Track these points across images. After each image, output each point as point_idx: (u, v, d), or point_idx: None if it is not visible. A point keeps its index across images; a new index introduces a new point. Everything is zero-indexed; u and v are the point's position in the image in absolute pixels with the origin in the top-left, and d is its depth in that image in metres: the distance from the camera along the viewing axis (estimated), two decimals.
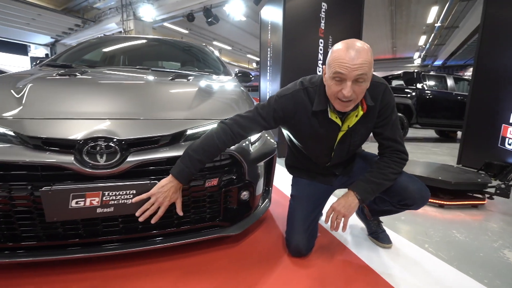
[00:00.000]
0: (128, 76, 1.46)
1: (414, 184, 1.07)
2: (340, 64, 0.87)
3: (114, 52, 2.19)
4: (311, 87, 1.04)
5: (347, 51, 0.86)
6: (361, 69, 0.86)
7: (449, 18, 9.26)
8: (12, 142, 0.90)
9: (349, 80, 0.88)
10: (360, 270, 1.11)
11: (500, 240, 1.43)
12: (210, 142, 0.98)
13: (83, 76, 1.35)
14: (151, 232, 1.05)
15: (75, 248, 0.98)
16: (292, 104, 1.04)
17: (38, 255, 0.94)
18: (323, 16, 3.87)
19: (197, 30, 11.14)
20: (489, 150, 3.12)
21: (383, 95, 1.02)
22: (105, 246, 1.01)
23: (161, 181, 0.94)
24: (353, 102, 0.94)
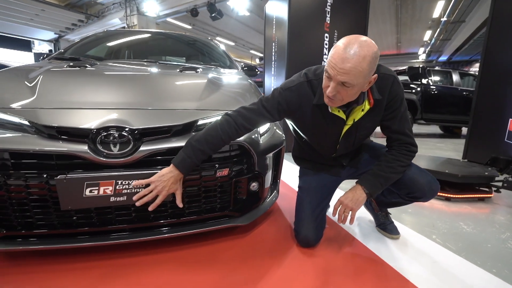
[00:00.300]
0: (137, 68, 1.47)
1: (424, 176, 1.07)
2: (331, 63, 0.85)
3: (120, 46, 2.20)
4: (315, 79, 1.02)
5: (342, 52, 0.82)
6: (345, 76, 0.82)
7: (455, 12, 9.11)
8: (26, 132, 0.91)
9: (334, 81, 0.86)
10: (368, 260, 1.12)
11: (508, 232, 1.44)
12: (214, 133, 0.98)
13: (93, 68, 1.37)
14: (162, 222, 1.07)
15: (87, 236, 1.00)
16: (297, 97, 1.03)
17: (51, 243, 0.96)
18: (329, 10, 3.84)
19: (201, 26, 11.10)
20: (496, 145, 3.10)
21: (391, 87, 0.99)
22: (116, 235, 1.03)
23: (162, 170, 0.94)
24: (339, 102, 0.92)
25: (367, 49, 0.82)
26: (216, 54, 2.29)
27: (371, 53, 0.82)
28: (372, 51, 0.83)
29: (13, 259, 1.03)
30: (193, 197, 1.09)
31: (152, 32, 2.43)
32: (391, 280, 1.00)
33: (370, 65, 0.83)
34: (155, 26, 8.95)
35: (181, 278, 0.97)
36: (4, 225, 0.94)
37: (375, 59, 0.84)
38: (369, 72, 0.84)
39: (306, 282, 0.97)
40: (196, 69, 1.55)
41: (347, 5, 3.90)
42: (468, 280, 1.01)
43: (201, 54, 2.33)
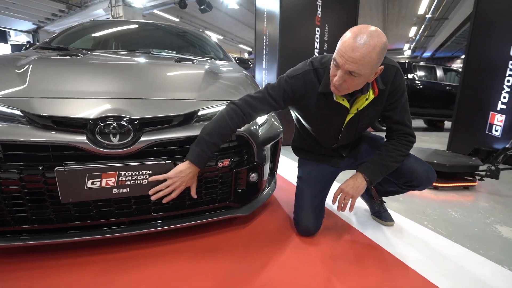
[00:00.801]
0: (132, 58, 1.43)
1: (421, 166, 1.11)
2: (340, 51, 0.85)
3: (108, 36, 2.12)
4: (321, 68, 1.02)
5: (352, 41, 0.82)
6: (354, 65, 0.83)
7: (439, 9, 9.38)
8: (18, 122, 0.87)
9: (342, 70, 0.86)
10: (367, 247, 1.16)
11: (492, 216, 1.52)
12: (223, 124, 0.98)
13: (85, 57, 1.32)
14: (164, 214, 1.06)
15: (86, 230, 0.98)
16: (302, 85, 1.04)
17: (48, 237, 0.93)
18: (320, 4, 3.85)
19: (188, 18, 10.84)
20: (478, 137, 3.25)
21: (394, 78, 1.01)
22: (116, 228, 1.01)
23: (179, 166, 0.94)
24: (344, 90, 0.93)
25: (377, 39, 0.82)
26: (208, 46, 2.26)
27: (381, 44, 0.82)
28: (382, 42, 0.83)
29: (7, 256, 0.99)
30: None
31: (141, 22, 2.36)
32: (390, 264, 1.04)
33: (379, 56, 0.83)
34: (141, 18, 8.66)
35: (184, 269, 0.97)
36: None
37: (384, 50, 0.84)
38: (377, 63, 0.85)
39: (308, 269, 1.00)
40: (192, 60, 1.52)
41: (337, 0, 3.92)
42: (459, 261, 1.07)
43: (194, 46, 2.28)
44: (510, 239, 1.27)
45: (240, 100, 1.04)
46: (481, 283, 0.94)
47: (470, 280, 0.96)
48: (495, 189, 2.03)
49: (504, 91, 3.04)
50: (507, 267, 1.05)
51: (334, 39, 4.03)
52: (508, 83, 3.00)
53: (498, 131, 3.10)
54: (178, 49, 2.23)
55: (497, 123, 3.11)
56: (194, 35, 2.39)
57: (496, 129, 3.13)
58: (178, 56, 1.71)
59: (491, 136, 3.16)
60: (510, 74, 2.98)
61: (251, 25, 12.97)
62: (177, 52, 2.18)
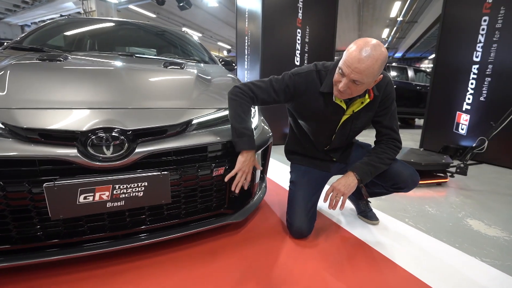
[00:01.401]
0: (118, 63, 1.37)
1: (407, 169, 1.20)
2: (347, 62, 0.94)
3: (86, 36, 2.01)
4: (324, 70, 1.12)
5: (358, 53, 0.91)
6: (358, 75, 0.92)
7: (410, 13, 9.93)
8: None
9: (347, 78, 0.96)
10: (356, 245, 1.23)
11: (463, 211, 1.67)
12: (245, 108, 1.09)
13: (67, 62, 1.24)
14: (160, 224, 1.04)
15: (78, 246, 0.94)
16: (304, 83, 1.12)
17: (40, 256, 0.88)
18: (301, 6, 3.92)
19: (166, 15, 10.49)
20: (446, 135, 3.51)
21: (386, 87, 1.11)
22: (111, 242, 0.97)
23: (240, 158, 1.06)
24: (347, 95, 1.03)
25: (380, 52, 0.91)
26: (193, 48, 2.22)
27: (383, 57, 0.92)
28: (384, 55, 0.92)
29: None
30: (190, 197, 1.08)
31: (121, 21, 2.26)
32: (379, 261, 1.11)
33: (380, 67, 0.93)
34: (115, 13, 8.25)
35: (181, 278, 0.96)
36: None
37: (385, 61, 0.93)
38: (378, 73, 0.94)
39: (304, 269, 1.04)
40: (180, 64, 1.50)
41: (317, 2, 4.02)
42: (439, 256, 1.17)
43: (178, 47, 2.23)
44: (480, 232, 1.40)
45: (243, 85, 1.12)
46: (460, 275, 1.04)
47: (450, 273, 1.05)
48: (464, 184, 2.22)
49: (468, 92, 3.31)
50: (479, 258, 1.16)
51: (314, 41, 4.13)
52: (472, 86, 3.27)
53: (464, 129, 3.37)
54: (162, 51, 2.17)
55: (463, 122, 3.39)
56: (177, 36, 2.33)
57: (462, 128, 3.40)
58: (165, 59, 1.66)
59: (458, 134, 3.43)
60: (473, 78, 3.25)
61: (230, 23, 12.86)
62: (160, 53, 2.13)
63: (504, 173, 2.68)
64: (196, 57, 2.03)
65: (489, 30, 3.08)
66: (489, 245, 1.27)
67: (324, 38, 4.24)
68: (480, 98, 3.19)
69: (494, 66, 3.05)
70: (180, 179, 1.01)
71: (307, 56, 4.17)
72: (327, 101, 1.12)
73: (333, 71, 1.08)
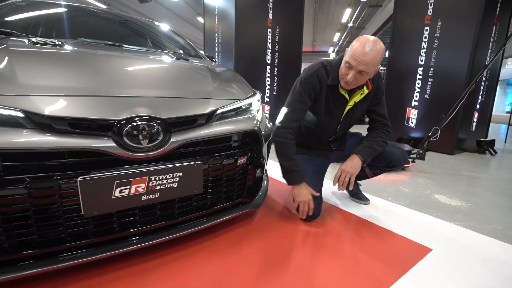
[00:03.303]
0: (125, 53, 1.28)
1: (397, 150, 1.40)
2: (354, 55, 1.10)
3: (58, 23, 1.80)
4: (329, 66, 1.27)
5: (362, 48, 1.08)
6: (364, 66, 1.09)
7: (358, 19, 10.98)
8: (18, 125, 0.72)
9: (354, 70, 1.12)
10: (356, 221, 1.39)
11: (428, 189, 1.99)
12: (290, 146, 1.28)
13: (74, 48, 1.12)
14: (187, 216, 1.03)
15: (108, 245, 0.87)
16: (317, 81, 1.27)
17: (69, 259, 0.80)
18: (271, 6, 4.06)
19: (118, 7, 9.65)
20: (400, 128, 4.04)
21: (378, 80, 1.31)
22: (141, 238, 0.93)
23: (295, 191, 1.28)
24: (353, 85, 1.20)
25: (379, 46, 1.08)
26: (179, 43, 2.16)
27: (382, 50, 1.10)
28: (383, 49, 1.10)
29: None
30: (217, 187, 1.10)
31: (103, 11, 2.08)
32: (380, 232, 1.28)
33: (380, 59, 1.11)
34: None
35: (217, 266, 0.98)
36: None
37: (383, 54, 1.12)
38: (378, 63, 1.12)
39: (321, 245, 1.14)
40: (187, 58, 1.48)
41: (286, 3, 4.21)
42: (423, 223, 1.40)
43: (165, 42, 2.14)
44: (446, 203, 1.70)
45: (283, 121, 1.28)
46: (442, 236, 1.27)
47: (437, 235, 1.27)
48: (421, 168, 2.62)
49: (416, 91, 3.86)
50: (453, 222, 1.42)
51: (284, 41, 4.31)
52: (418, 85, 3.82)
53: (413, 123, 3.92)
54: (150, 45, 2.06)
55: (412, 117, 3.93)
56: (163, 31, 2.24)
57: (412, 121, 3.94)
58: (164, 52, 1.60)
59: (408, 127, 3.98)
60: (419, 78, 3.80)
61: (188, 20, 12.45)
62: (147, 46, 2.02)
63: (445, 158, 3.22)
64: (189, 52, 1.99)
65: (430, 38, 3.64)
66: (455, 212, 1.56)
67: (292, 38, 4.46)
68: (425, 96, 3.74)
69: (435, 68, 3.62)
70: (209, 168, 1.02)
71: (277, 55, 4.34)
72: (334, 92, 1.28)
73: (337, 66, 1.23)
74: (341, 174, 1.28)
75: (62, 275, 0.89)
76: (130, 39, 1.99)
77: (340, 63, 1.24)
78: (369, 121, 1.42)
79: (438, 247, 1.16)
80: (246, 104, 1.23)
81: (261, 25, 4.04)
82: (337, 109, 1.31)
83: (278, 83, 4.37)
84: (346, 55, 1.15)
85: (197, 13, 10.81)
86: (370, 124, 1.43)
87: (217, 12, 4.28)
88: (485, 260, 1.08)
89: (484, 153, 3.61)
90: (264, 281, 0.91)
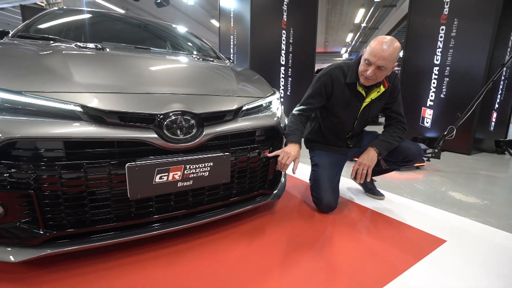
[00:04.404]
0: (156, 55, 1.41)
1: (414, 145, 1.45)
2: (373, 52, 1.18)
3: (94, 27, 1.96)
4: (345, 66, 1.38)
5: (380, 45, 1.17)
6: (383, 62, 1.18)
7: (372, 20, 10.89)
8: (77, 119, 0.83)
9: (373, 65, 1.19)
10: (372, 214, 1.45)
11: (443, 186, 2.01)
12: (292, 121, 1.39)
13: (114, 51, 1.25)
14: (215, 204, 1.12)
15: (145, 227, 0.98)
16: (330, 80, 1.37)
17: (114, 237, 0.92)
18: (285, 8, 4.14)
19: (135, 11, 10.01)
20: (414, 128, 4.01)
21: (394, 79, 1.38)
22: (175, 222, 1.03)
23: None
24: (372, 81, 1.27)
25: (396, 44, 1.18)
26: (203, 45, 2.28)
27: (398, 47, 1.19)
28: (399, 47, 1.19)
29: (50, 264, 0.94)
30: (242, 178, 1.19)
31: (127, 16, 2.23)
32: (396, 224, 1.33)
33: (397, 55, 1.20)
34: (83, 6, 7.68)
35: (241, 252, 1.07)
36: (52, 225, 0.86)
37: (399, 51, 1.20)
38: (395, 60, 1.21)
39: (340, 236, 1.21)
40: (211, 59, 1.58)
41: (300, 5, 4.28)
42: (439, 218, 1.43)
43: (188, 44, 2.27)
44: (461, 200, 1.72)
45: (295, 109, 1.43)
46: (454, 228, 1.30)
47: (451, 228, 1.31)
48: (437, 167, 2.62)
49: (431, 91, 3.83)
50: (469, 217, 1.45)
51: (298, 42, 4.38)
52: (434, 85, 3.79)
53: (428, 122, 3.89)
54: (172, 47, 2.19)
55: (427, 116, 3.90)
56: (186, 35, 2.37)
57: (427, 121, 3.91)
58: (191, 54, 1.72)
59: (424, 127, 3.94)
60: (435, 78, 3.77)
61: (202, 23, 12.72)
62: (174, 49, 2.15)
63: (462, 157, 3.19)
64: (210, 53, 2.10)
65: (446, 37, 3.61)
66: (471, 208, 1.58)
67: (306, 39, 4.52)
68: (441, 95, 3.71)
69: (451, 68, 3.58)
70: (235, 160, 1.12)
71: (291, 56, 4.41)
72: (351, 90, 1.35)
73: (355, 65, 1.32)
74: (359, 167, 1.35)
75: (108, 252, 1.01)
76: (154, 41, 2.12)
77: (358, 63, 1.32)
78: (385, 118, 1.49)
79: (452, 239, 1.20)
80: (267, 102, 1.32)
81: (275, 27, 4.13)
82: (354, 105, 1.39)
83: (292, 83, 4.44)
84: (365, 54, 1.23)
85: (211, 15, 11.03)
86: (386, 122, 1.49)
87: (233, 15, 4.40)
88: (501, 252, 1.12)
89: (503, 153, 3.55)
90: (286, 266, 0.99)
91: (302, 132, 1.37)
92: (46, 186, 0.81)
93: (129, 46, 1.61)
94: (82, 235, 0.90)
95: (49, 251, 0.84)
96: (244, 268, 0.96)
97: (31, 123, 0.79)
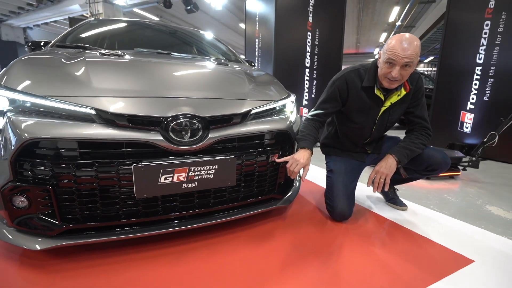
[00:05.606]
0: (177, 60, 1.47)
1: (439, 153, 1.32)
2: (395, 52, 1.10)
3: (123, 35, 2.11)
4: (362, 69, 1.29)
5: (401, 44, 1.08)
6: (408, 59, 1.09)
7: (408, 18, 10.23)
8: (91, 121, 0.89)
9: (398, 65, 1.11)
10: (391, 226, 1.34)
11: (480, 199, 1.80)
12: (305, 126, 1.34)
13: (133, 57, 1.33)
14: (221, 206, 1.13)
15: (151, 225, 1.02)
16: (345, 83, 1.29)
17: (122, 233, 0.97)
18: (311, 10, 4.07)
19: (168, 18, 10.61)
20: (451, 133, 3.67)
21: (417, 81, 1.27)
22: (181, 222, 1.06)
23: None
24: (398, 82, 1.17)
25: (415, 40, 1.10)
26: (221, 49, 2.33)
27: (419, 42, 1.11)
28: (419, 41, 1.11)
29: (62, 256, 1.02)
30: (249, 181, 1.18)
31: (154, 23, 2.36)
32: (416, 238, 1.22)
33: (419, 50, 1.12)
34: (121, 16, 8.33)
35: (246, 254, 1.06)
36: (67, 219, 0.93)
37: (420, 46, 1.12)
38: (418, 55, 1.12)
39: (351, 247, 1.14)
40: (226, 63, 1.61)
41: (327, 6, 4.17)
42: (469, 234, 1.29)
43: (208, 48, 2.34)
44: (500, 216, 1.53)
45: (310, 115, 1.39)
46: (485, 247, 1.16)
47: (482, 247, 1.17)
48: (474, 177, 2.36)
49: (472, 93, 3.48)
50: (505, 236, 1.28)
51: (323, 44, 4.27)
52: (476, 86, 3.44)
53: (468, 128, 3.54)
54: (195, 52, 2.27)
55: (467, 121, 3.55)
56: (208, 39, 2.45)
57: (467, 126, 3.56)
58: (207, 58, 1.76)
59: (462, 132, 3.60)
60: (477, 79, 3.42)
61: (231, 26, 13.02)
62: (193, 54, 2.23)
63: (507, 167, 2.84)
64: (230, 57, 2.15)
65: (491, 33, 3.26)
66: (510, 226, 1.40)
67: (332, 41, 4.38)
68: (483, 98, 3.35)
69: (496, 67, 3.22)
70: (242, 163, 1.11)
71: (316, 58, 4.31)
72: (369, 93, 1.27)
73: (373, 68, 1.23)
74: (376, 175, 1.26)
75: (114, 248, 1.07)
76: (178, 47, 2.21)
77: (375, 65, 1.24)
78: (408, 123, 1.37)
79: (482, 259, 1.07)
80: (279, 105, 1.30)
81: (300, 28, 4.07)
82: (372, 110, 1.30)
83: (317, 86, 4.33)
84: (384, 56, 1.14)
85: (239, 19, 11.25)
86: (409, 127, 1.38)
87: (258, 18, 4.44)
88: None
89: None
90: (289, 274, 0.96)
91: (315, 138, 1.30)
92: (63, 182, 0.88)
93: (151, 51, 1.70)
94: (93, 229, 0.96)
95: (68, 242, 0.92)
96: (245, 272, 0.95)
97: (52, 124, 0.86)
